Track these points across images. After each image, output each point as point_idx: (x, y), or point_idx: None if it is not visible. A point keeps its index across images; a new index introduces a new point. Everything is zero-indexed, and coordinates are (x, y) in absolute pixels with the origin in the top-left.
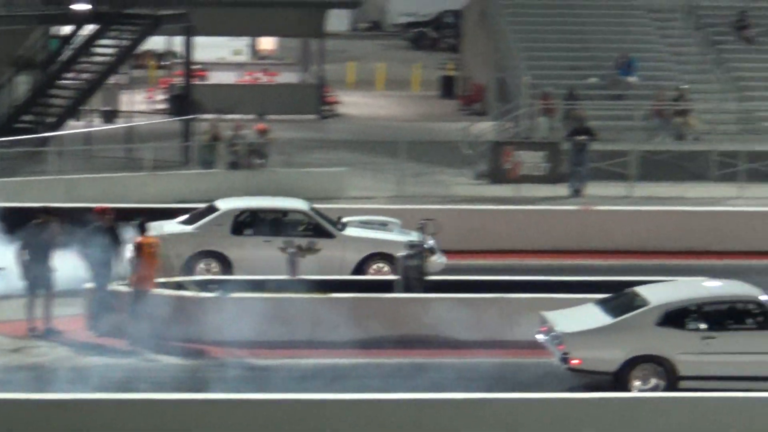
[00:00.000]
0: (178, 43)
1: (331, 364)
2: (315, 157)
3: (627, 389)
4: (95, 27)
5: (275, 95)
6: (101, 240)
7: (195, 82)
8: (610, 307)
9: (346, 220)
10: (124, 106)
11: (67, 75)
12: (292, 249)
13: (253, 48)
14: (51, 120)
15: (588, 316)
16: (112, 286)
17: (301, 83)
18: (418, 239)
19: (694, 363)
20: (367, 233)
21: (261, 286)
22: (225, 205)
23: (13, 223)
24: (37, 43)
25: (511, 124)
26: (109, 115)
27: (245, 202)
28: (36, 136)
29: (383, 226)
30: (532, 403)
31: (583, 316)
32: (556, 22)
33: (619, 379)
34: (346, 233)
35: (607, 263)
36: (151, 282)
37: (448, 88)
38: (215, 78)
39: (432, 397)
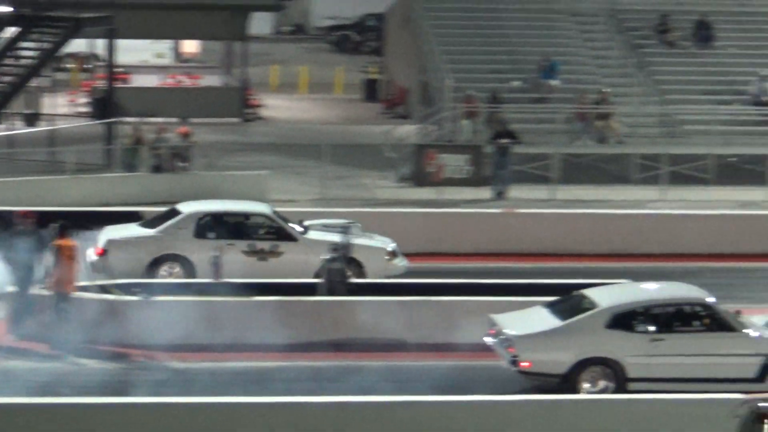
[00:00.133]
0: (100, 46)
1: (256, 367)
2: (238, 161)
3: (576, 391)
4: (17, 30)
5: (198, 98)
6: (23, 243)
7: (118, 85)
8: (558, 310)
9: (308, 223)
10: (47, 109)
11: None
12: (215, 253)
13: (176, 51)
14: None
15: (537, 319)
16: (33, 290)
17: (224, 86)
18: (342, 242)
19: (643, 365)
20: (330, 236)
21: (187, 289)
22: (187, 208)
23: None
24: None
25: (434, 127)
26: (31, 118)
27: (208, 206)
28: None
29: (345, 229)
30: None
31: (532, 319)
32: (479, 25)
33: (568, 381)
34: (308, 236)
35: (530, 266)
36: (71, 285)
37: (371, 91)
38: (138, 81)
39: (355, 400)
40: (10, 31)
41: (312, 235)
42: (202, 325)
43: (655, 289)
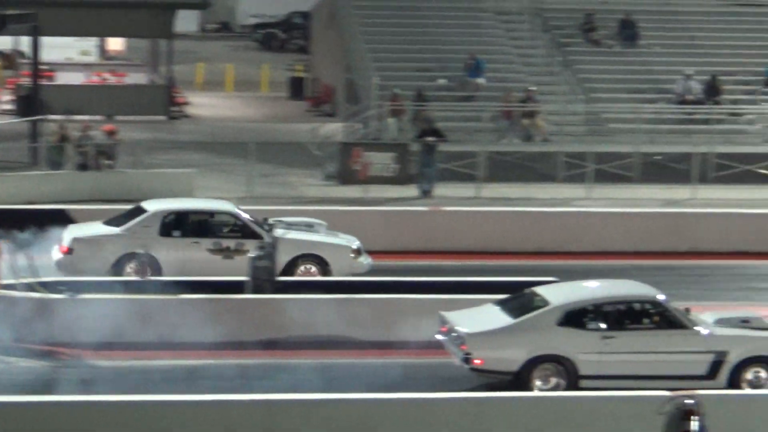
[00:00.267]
0: (25, 43)
1: (184, 365)
2: (164, 159)
3: (528, 389)
4: None
5: (124, 96)
6: None
7: (42, 82)
8: (510, 308)
9: (273, 221)
10: None
11: None
12: (140, 250)
13: (102, 48)
14: None
15: (489, 316)
16: None
17: (149, 84)
18: (268, 240)
19: (595, 362)
20: (295, 234)
21: (116, 287)
22: (152, 206)
23: None
24: None
25: (359, 126)
26: None
27: (173, 204)
28: None
29: (309, 227)
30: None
31: (484, 316)
32: (405, 24)
33: (520, 378)
34: (273, 234)
35: (455, 264)
36: None
37: (297, 89)
38: (63, 78)
39: (280, 398)
40: None
41: (277, 233)
42: (130, 323)
43: (607, 287)
